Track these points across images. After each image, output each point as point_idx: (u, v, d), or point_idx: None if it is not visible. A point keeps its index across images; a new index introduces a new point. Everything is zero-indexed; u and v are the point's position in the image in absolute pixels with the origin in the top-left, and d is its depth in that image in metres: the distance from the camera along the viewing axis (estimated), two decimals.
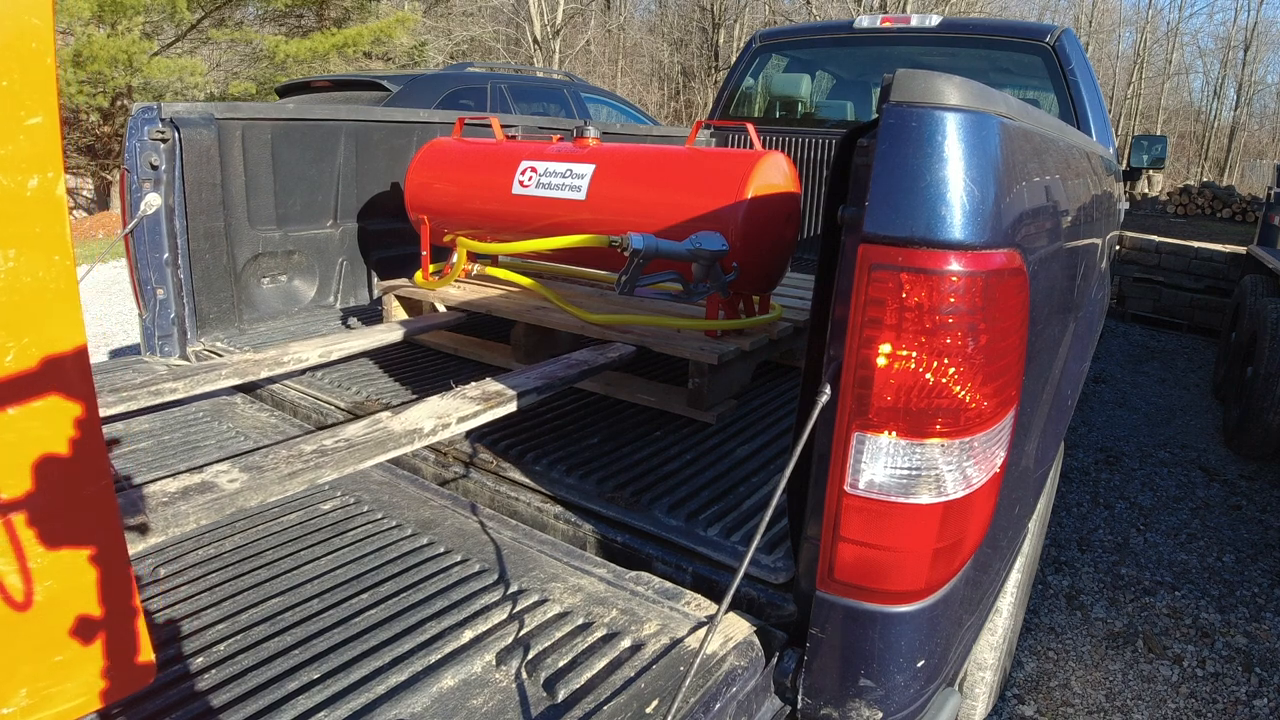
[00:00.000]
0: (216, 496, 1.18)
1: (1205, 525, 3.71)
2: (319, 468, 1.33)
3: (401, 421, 1.52)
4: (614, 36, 27.05)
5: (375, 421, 1.51)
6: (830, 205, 1.07)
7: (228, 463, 1.29)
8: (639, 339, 2.12)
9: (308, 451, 1.36)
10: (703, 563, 1.40)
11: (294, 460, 1.33)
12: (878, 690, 1.09)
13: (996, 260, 0.95)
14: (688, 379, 2.03)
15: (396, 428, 1.49)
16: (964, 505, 1.03)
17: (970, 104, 0.92)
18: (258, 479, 1.25)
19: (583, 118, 7.00)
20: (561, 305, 2.28)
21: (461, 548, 1.41)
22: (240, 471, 1.27)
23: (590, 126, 2.49)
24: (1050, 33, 3.79)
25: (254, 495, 1.23)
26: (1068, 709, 2.46)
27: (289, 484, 1.28)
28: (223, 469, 1.27)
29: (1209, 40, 35.22)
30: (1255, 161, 29.35)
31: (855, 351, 0.96)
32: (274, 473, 1.27)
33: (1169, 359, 6.71)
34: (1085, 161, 1.72)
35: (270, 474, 1.27)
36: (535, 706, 1.03)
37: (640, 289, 2.04)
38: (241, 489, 1.21)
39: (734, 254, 2.04)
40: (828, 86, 5.05)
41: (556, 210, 2.33)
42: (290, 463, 1.32)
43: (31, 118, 0.51)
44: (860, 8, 20.44)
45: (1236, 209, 12.29)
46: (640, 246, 1.93)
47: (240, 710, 1.00)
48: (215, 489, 1.20)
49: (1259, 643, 2.84)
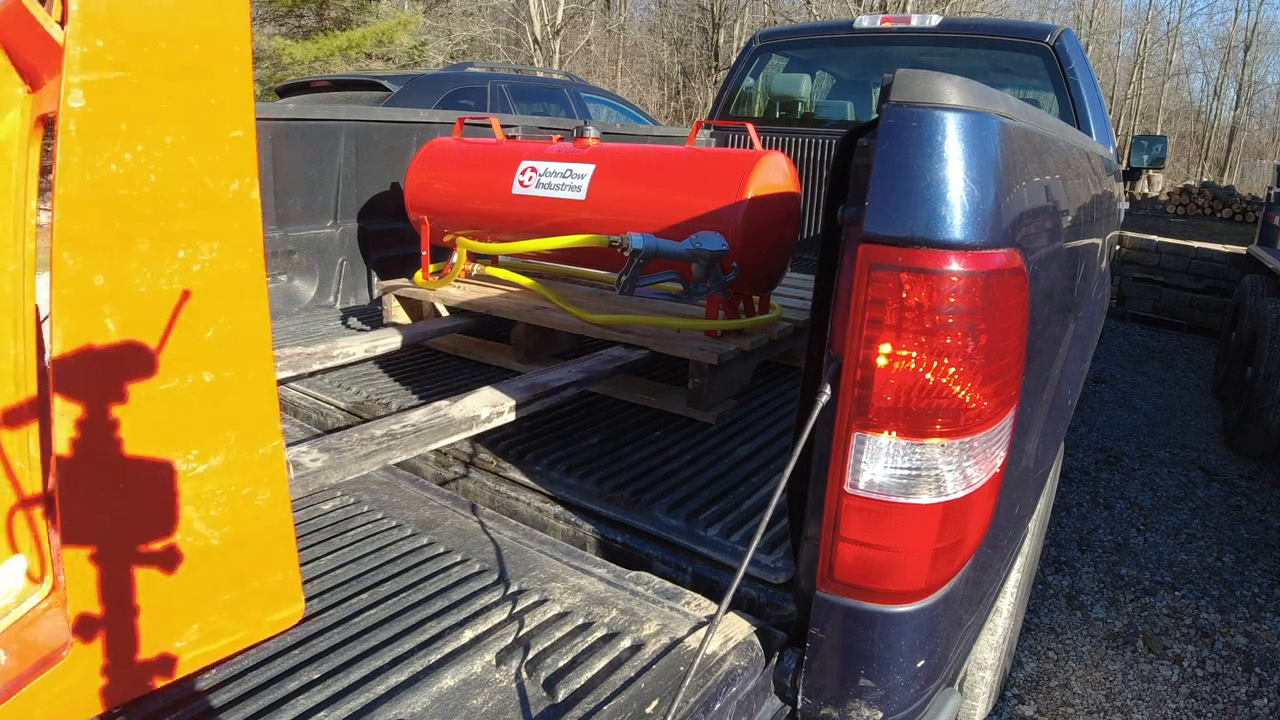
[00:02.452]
0: (303, 474, 1.26)
1: (1205, 525, 3.71)
2: (390, 449, 1.43)
3: (460, 409, 1.63)
4: (614, 36, 27.06)
5: (436, 409, 1.63)
6: (830, 205, 1.07)
7: (306, 444, 1.38)
8: (639, 339, 2.12)
9: (379, 435, 1.47)
10: (703, 563, 1.40)
11: (367, 443, 1.44)
12: (878, 690, 1.09)
13: (996, 260, 0.95)
14: (688, 379, 2.03)
15: (456, 414, 1.61)
16: (964, 505, 1.03)
17: (970, 104, 0.92)
18: (337, 459, 1.34)
19: (583, 118, 7.00)
20: (562, 305, 2.28)
21: (461, 548, 1.41)
22: (320, 452, 1.35)
23: (590, 126, 2.49)
24: (1050, 33, 3.79)
25: (334, 474, 1.30)
26: (1068, 709, 2.46)
27: (364, 464, 1.38)
28: (303, 449, 1.35)
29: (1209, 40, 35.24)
30: (1255, 161, 29.35)
31: (855, 351, 0.96)
32: (350, 453, 1.37)
33: (1169, 359, 6.71)
34: (1085, 161, 1.72)
35: (347, 454, 1.36)
36: (535, 706, 1.03)
37: (640, 289, 2.04)
38: (324, 467, 1.30)
39: (734, 254, 2.04)
40: (828, 86, 5.05)
41: (556, 210, 2.33)
42: (364, 444, 1.43)
43: (234, 131, 0.60)
44: (860, 8, 20.44)
45: (1236, 209, 12.29)
46: (640, 246, 1.93)
47: (240, 710, 1.00)
48: (301, 467, 1.29)
49: (1259, 643, 2.84)
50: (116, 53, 0.52)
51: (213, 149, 0.58)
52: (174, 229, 0.57)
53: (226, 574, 0.68)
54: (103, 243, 0.54)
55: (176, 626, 0.66)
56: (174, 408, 0.59)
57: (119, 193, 0.53)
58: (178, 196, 0.57)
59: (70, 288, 0.53)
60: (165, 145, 0.55)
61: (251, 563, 0.69)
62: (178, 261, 0.57)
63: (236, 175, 0.61)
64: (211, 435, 0.63)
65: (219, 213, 0.59)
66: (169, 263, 0.57)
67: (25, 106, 0.61)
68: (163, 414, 0.58)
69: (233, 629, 0.71)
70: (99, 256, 0.53)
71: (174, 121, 0.55)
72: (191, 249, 0.58)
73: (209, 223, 0.59)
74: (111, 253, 0.54)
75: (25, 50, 0.59)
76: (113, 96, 0.52)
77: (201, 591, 0.67)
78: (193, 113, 0.56)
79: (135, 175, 0.55)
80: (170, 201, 0.56)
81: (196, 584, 0.66)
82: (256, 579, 0.71)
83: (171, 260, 0.57)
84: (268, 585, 0.71)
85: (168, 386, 0.58)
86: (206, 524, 0.65)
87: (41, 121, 0.64)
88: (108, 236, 0.54)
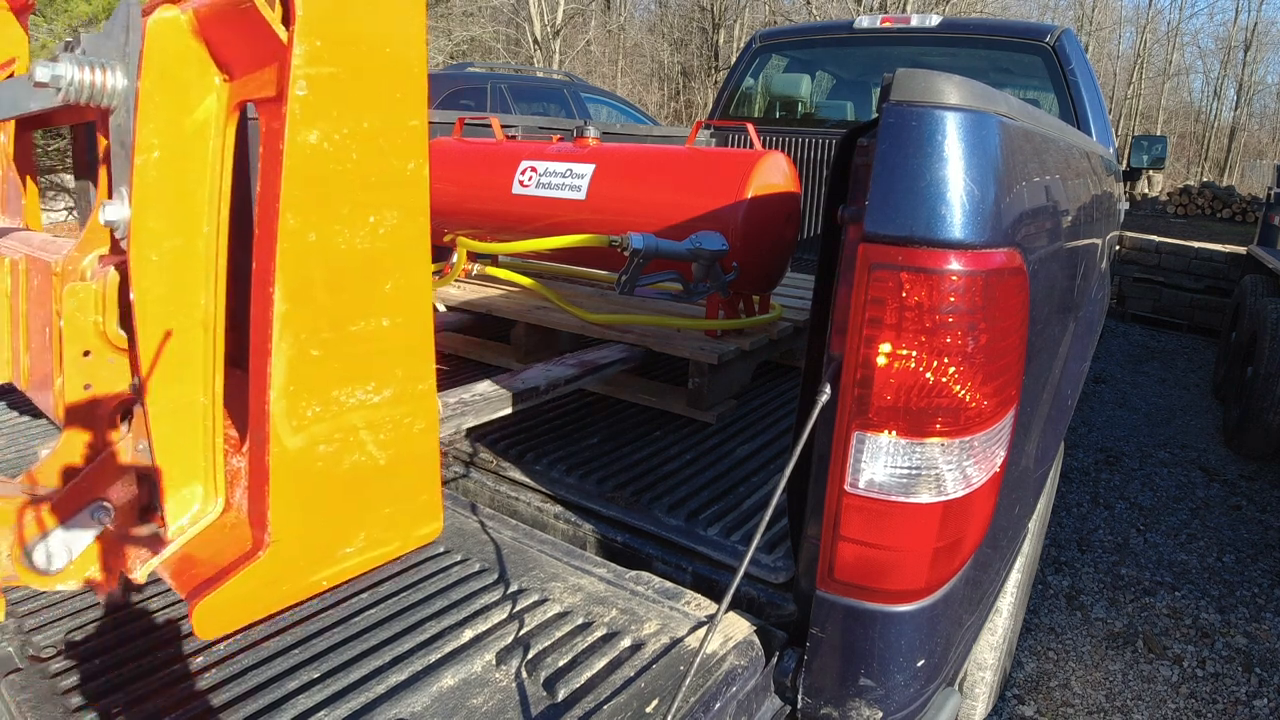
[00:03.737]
0: None
1: (1205, 525, 3.71)
2: (463, 415, 1.57)
3: (520, 381, 1.77)
4: (614, 36, 27.06)
5: (498, 381, 1.76)
6: (830, 205, 1.07)
7: None
8: (639, 339, 2.12)
9: (452, 403, 1.59)
10: (703, 562, 1.40)
11: (445, 408, 1.55)
12: (878, 690, 1.09)
13: (996, 260, 0.95)
14: (688, 379, 2.03)
15: (518, 386, 1.74)
16: (964, 505, 1.03)
17: (970, 103, 0.92)
18: None
19: (583, 118, 7.00)
20: (562, 305, 2.28)
21: (461, 548, 1.41)
22: None
23: (590, 126, 2.49)
24: (1050, 33, 3.78)
25: None
26: (1068, 709, 2.46)
27: (444, 427, 1.49)
28: None
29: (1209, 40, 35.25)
30: (1255, 161, 29.36)
31: (855, 351, 0.96)
32: None
33: (1169, 359, 6.71)
34: (1085, 161, 1.72)
35: None
36: (535, 706, 1.03)
37: (640, 289, 2.05)
38: None
39: (734, 254, 2.04)
40: (828, 86, 5.05)
41: (556, 210, 2.33)
42: (443, 409, 1.54)
43: (411, 120, 0.73)
44: (860, 8, 20.44)
45: (1236, 209, 12.29)
46: (640, 246, 1.93)
47: (240, 710, 1.00)
48: None
49: (1259, 643, 2.84)
50: (330, 52, 0.66)
51: (397, 134, 0.72)
52: (367, 199, 0.71)
53: (388, 491, 0.80)
54: (316, 207, 0.68)
55: (348, 534, 0.77)
56: (360, 347, 0.73)
57: (329, 167, 0.68)
58: (370, 172, 0.70)
59: (290, 242, 0.67)
60: (363, 130, 0.69)
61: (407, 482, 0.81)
62: (368, 225, 0.71)
63: (413, 156, 0.73)
64: (386, 371, 0.76)
65: (399, 187, 0.73)
66: (361, 226, 0.71)
67: (222, 94, 0.75)
68: (353, 351, 0.73)
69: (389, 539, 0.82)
70: (312, 219, 0.68)
71: (369, 110, 0.69)
72: (379, 215, 0.72)
73: (392, 195, 0.73)
74: (322, 215, 0.68)
75: (225, 46, 0.72)
76: (326, 88, 0.66)
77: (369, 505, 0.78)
78: (383, 104, 0.70)
79: (341, 153, 0.68)
80: (365, 176, 0.70)
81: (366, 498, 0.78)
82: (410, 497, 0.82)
83: (364, 224, 0.71)
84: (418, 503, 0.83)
85: (356, 329, 0.72)
86: (377, 447, 0.77)
87: (238, 106, 0.77)
88: (319, 202, 0.68)
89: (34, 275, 1.04)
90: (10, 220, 1.55)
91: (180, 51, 0.73)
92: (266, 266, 0.68)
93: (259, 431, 0.70)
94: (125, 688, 1.03)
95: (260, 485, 0.71)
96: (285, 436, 0.70)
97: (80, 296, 0.83)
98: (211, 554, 0.76)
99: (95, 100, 0.78)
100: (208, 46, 0.74)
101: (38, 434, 1.86)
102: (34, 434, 1.86)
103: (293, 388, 0.69)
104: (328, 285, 0.70)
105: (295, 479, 0.71)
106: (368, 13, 0.68)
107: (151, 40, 0.71)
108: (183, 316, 0.76)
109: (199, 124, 0.75)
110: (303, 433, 0.71)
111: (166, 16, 0.71)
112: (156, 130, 0.72)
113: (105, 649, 1.11)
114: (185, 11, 0.72)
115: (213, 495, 0.80)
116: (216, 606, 0.70)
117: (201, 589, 0.71)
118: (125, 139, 0.77)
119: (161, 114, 0.72)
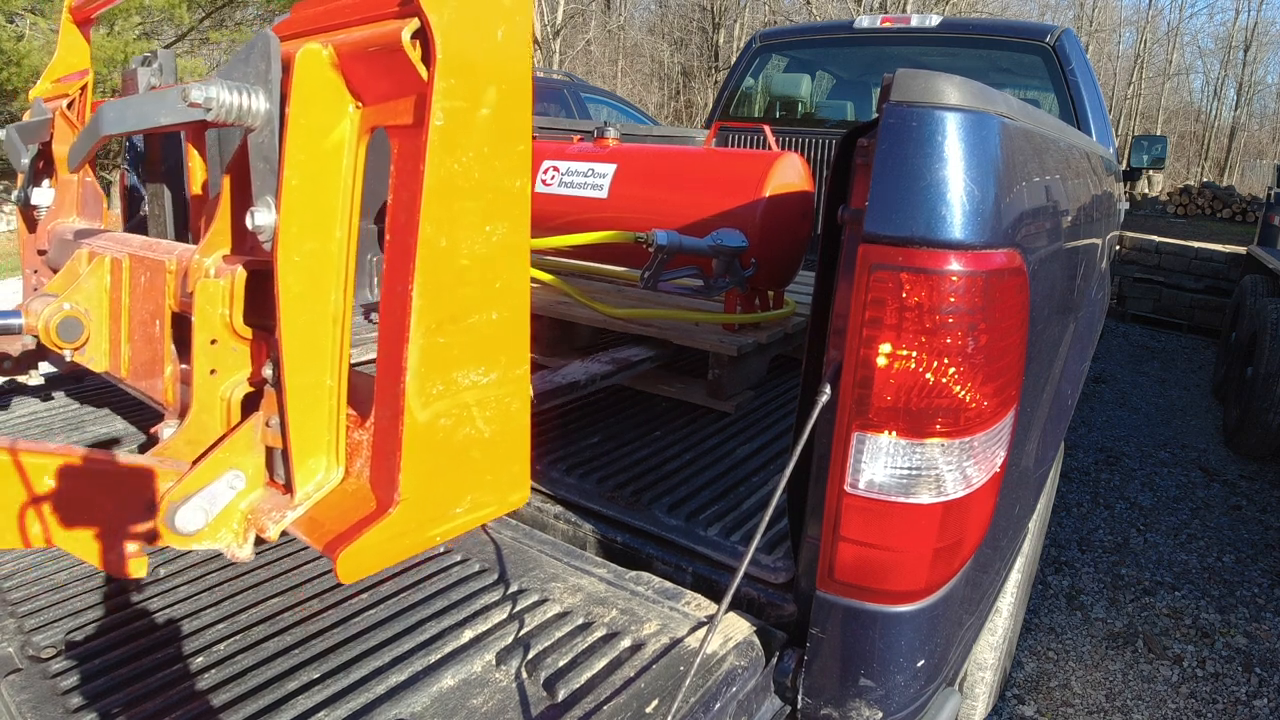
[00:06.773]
0: None
1: (1205, 525, 3.71)
2: None
3: (562, 376, 1.85)
4: (614, 36, 27.05)
5: (544, 374, 1.84)
6: (830, 205, 1.07)
7: None
8: (660, 333, 2.15)
9: None
10: (703, 563, 1.40)
11: None
12: (878, 690, 1.09)
13: (996, 260, 0.95)
14: (708, 370, 2.08)
15: (560, 380, 1.81)
16: (964, 505, 1.03)
17: (970, 104, 0.92)
18: None
19: (583, 118, 7.00)
20: (583, 301, 2.31)
21: (461, 548, 1.41)
22: None
23: (610, 127, 2.53)
24: (1050, 33, 3.79)
25: None
26: (1068, 709, 2.46)
27: None
28: None
29: (1209, 40, 35.22)
30: (1255, 161, 29.37)
31: (855, 351, 0.96)
32: None
33: (1169, 359, 6.71)
34: (1085, 161, 1.72)
35: None
36: (535, 706, 1.03)
37: (661, 284, 2.10)
38: None
39: (752, 250, 2.10)
40: (828, 87, 5.05)
41: (579, 208, 2.38)
42: None
43: (519, 146, 0.85)
44: (860, 8, 20.43)
45: (1236, 209, 12.30)
46: (665, 242, 2.00)
47: (240, 710, 1.00)
48: None
49: (1259, 643, 2.84)
50: (461, 88, 0.77)
51: (508, 156, 0.84)
52: (485, 211, 0.83)
53: (491, 460, 0.90)
54: (448, 217, 0.79)
55: (459, 496, 0.89)
56: (475, 336, 0.85)
57: (458, 184, 0.79)
58: (488, 189, 0.83)
59: (429, 247, 0.78)
60: (484, 153, 0.81)
61: (504, 453, 0.92)
62: (484, 233, 0.83)
63: (520, 175, 0.85)
64: (493, 357, 0.88)
65: (509, 202, 0.85)
66: (480, 234, 0.83)
67: (355, 119, 0.88)
68: (469, 339, 0.84)
69: (489, 502, 0.92)
70: (444, 228, 0.79)
71: (488, 137, 0.81)
72: (493, 225, 0.84)
73: (503, 208, 0.85)
74: (452, 225, 0.80)
75: (360, 78, 0.85)
76: (458, 119, 0.78)
77: (476, 471, 0.89)
78: (499, 131, 0.82)
79: (467, 172, 0.80)
80: (484, 192, 0.82)
81: (474, 466, 0.89)
82: (505, 467, 0.92)
83: (481, 232, 0.83)
84: (511, 472, 0.93)
85: (472, 320, 0.84)
86: (484, 421, 0.88)
87: (369, 130, 0.88)
88: (450, 214, 0.80)
89: (142, 272, 1.17)
90: (90, 222, 1.67)
91: (322, 82, 0.84)
92: (404, 267, 0.80)
93: (392, 406, 0.82)
94: (125, 688, 1.03)
95: (393, 452, 0.82)
96: (416, 411, 0.81)
97: (210, 291, 0.95)
98: (336, 515, 0.87)
99: (240, 120, 0.86)
100: (344, 77, 0.85)
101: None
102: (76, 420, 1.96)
103: (423, 369, 0.81)
104: (453, 284, 0.82)
105: (422, 447, 0.83)
106: (490, 54, 0.79)
107: (300, 72, 0.82)
108: (318, 310, 0.88)
109: (335, 144, 0.87)
110: (429, 408, 0.83)
111: (312, 49, 0.82)
112: (300, 149, 0.83)
113: (105, 649, 1.11)
114: (327, 47, 0.83)
115: (335, 464, 0.91)
116: (355, 554, 0.80)
117: (338, 541, 0.82)
118: (269, 155, 0.87)
119: (304, 135, 0.83)
